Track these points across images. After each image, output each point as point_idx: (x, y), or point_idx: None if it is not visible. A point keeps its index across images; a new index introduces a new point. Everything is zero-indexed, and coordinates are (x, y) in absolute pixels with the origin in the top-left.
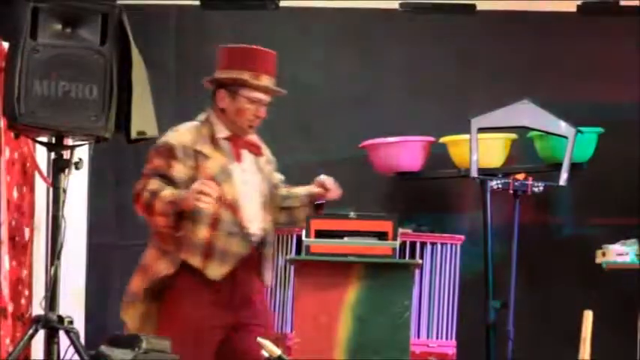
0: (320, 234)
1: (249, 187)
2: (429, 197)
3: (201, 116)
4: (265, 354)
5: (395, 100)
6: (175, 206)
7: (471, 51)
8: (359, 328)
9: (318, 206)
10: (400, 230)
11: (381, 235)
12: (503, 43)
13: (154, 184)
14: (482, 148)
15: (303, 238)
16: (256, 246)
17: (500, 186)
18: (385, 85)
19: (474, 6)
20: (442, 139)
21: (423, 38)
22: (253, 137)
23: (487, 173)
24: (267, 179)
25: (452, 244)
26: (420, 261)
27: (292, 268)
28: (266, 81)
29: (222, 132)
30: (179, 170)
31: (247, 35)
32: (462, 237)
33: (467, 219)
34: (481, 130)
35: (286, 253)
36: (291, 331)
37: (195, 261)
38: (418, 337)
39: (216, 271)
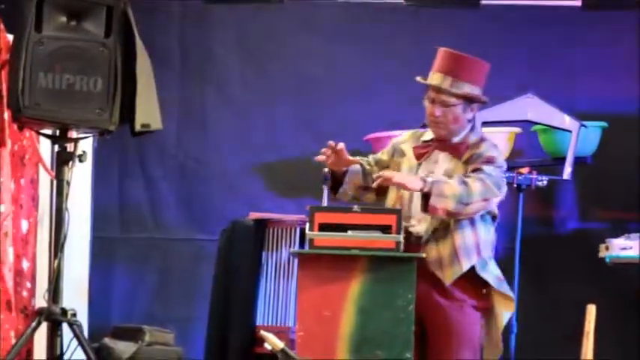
0: (324, 227)
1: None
2: None
3: None
4: (268, 347)
5: (399, 94)
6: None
7: (475, 45)
8: (362, 322)
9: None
10: (404, 223)
11: (385, 229)
12: (508, 36)
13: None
14: None
15: (307, 231)
16: (420, 243)
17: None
18: (389, 78)
19: (478, 0)
20: None
21: (428, 32)
22: (464, 138)
23: None
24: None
25: None
26: (424, 255)
27: (296, 261)
28: (436, 79)
29: (427, 135)
30: (381, 155)
31: (252, 29)
32: None
33: None
34: (485, 123)
35: (290, 246)
36: (295, 324)
37: None
38: None
39: None
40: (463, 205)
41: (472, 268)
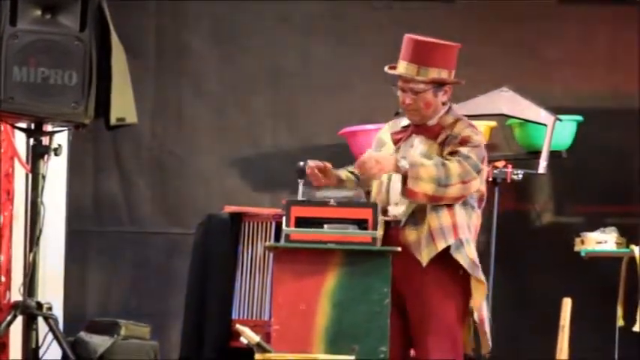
0: (300, 221)
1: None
2: None
3: None
4: (244, 340)
5: (374, 88)
6: None
7: (450, 39)
8: (338, 316)
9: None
10: (380, 217)
11: (361, 223)
12: (483, 31)
13: None
14: None
15: (283, 226)
16: (399, 227)
17: None
18: (364, 72)
19: None
20: None
21: (402, 26)
22: (439, 120)
23: None
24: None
25: None
26: (399, 248)
27: (272, 255)
28: (401, 68)
29: (405, 121)
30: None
31: (227, 23)
32: None
33: None
34: None
35: (266, 240)
36: (270, 318)
37: None
38: None
39: None
40: (443, 187)
41: (448, 250)
